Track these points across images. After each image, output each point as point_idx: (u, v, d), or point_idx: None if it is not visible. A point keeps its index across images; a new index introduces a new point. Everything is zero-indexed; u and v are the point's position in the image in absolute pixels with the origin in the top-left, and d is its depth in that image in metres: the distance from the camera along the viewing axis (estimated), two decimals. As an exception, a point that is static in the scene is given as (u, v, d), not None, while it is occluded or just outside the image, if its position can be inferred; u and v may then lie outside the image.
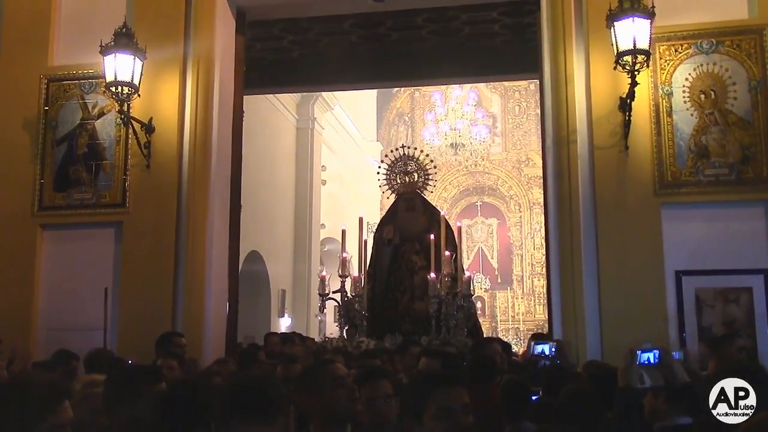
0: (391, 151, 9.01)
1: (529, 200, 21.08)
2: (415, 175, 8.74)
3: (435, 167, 9.08)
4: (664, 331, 6.00)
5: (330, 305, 8.15)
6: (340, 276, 7.83)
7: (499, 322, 20.42)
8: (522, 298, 20.77)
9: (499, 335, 17.61)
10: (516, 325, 20.35)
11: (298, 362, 5.11)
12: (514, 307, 20.69)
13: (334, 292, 7.80)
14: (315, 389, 2.86)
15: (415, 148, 9.11)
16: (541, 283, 19.38)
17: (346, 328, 7.77)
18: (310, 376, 3.03)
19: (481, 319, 12.98)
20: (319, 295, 7.83)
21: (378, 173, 9.01)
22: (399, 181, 8.77)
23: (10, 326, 6.54)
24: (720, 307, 6.11)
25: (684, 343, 6.00)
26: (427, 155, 9.08)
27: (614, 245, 6.23)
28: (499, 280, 21.17)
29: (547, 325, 8.03)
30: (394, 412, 2.92)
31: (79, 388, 3.59)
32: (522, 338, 18.84)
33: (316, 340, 9.70)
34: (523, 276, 21.02)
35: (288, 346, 7.58)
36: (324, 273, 8.17)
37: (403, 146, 9.07)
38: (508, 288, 20.92)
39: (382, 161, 9.18)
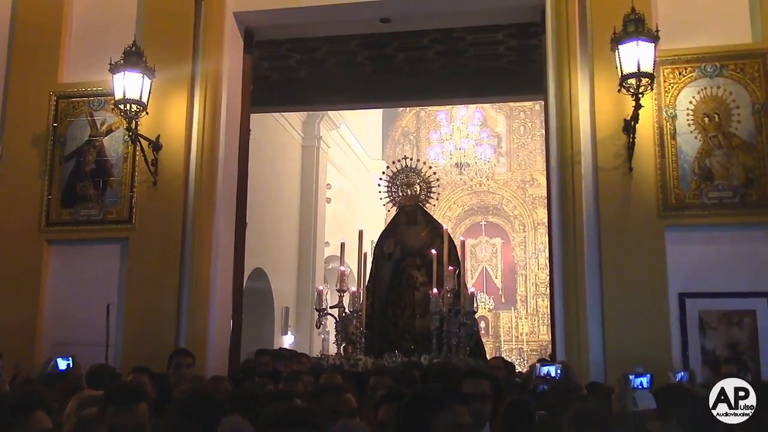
0: (393, 163, 8.76)
1: (534, 220, 21.03)
2: (417, 187, 8.49)
3: (438, 180, 8.86)
4: (667, 353, 5.99)
5: (332, 323, 7.97)
6: (338, 290, 7.59)
7: (502, 342, 20.30)
8: (526, 318, 20.66)
9: (503, 356, 17.52)
10: (519, 346, 20.23)
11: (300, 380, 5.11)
12: (517, 328, 20.57)
13: (331, 308, 7.51)
14: None
15: (418, 160, 8.90)
16: (545, 304, 19.29)
17: (343, 345, 7.50)
18: None
19: (484, 340, 12.91)
20: (316, 310, 7.53)
21: (379, 185, 8.70)
22: (400, 194, 8.50)
23: (15, 341, 6.60)
24: (723, 329, 6.11)
25: (687, 365, 5.98)
26: (430, 167, 8.88)
27: (618, 266, 6.23)
28: (503, 300, 21.08)
29: (550, 346, 8.00)
30: None
31: (75, 404, 3.61)
32: (526, 359, 18.77)
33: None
34: (527, 296, 20.92)
35: (281, 363, 7.49)
36: (321, 287, 7.82)
37: (405, 158, 8.82)
38: (512, 308, 20.82)
39: (383, 173, 8.98)
